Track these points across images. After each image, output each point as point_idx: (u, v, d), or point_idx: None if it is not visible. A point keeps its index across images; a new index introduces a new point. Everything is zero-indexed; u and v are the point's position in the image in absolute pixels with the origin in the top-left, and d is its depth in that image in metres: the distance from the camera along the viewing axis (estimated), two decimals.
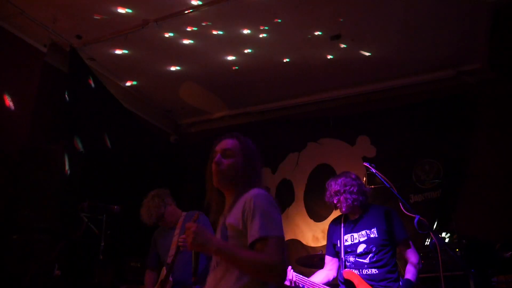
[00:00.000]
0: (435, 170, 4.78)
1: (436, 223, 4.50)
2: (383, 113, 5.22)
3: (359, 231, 3.08)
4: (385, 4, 3.85)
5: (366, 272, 2.96)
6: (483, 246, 3.79)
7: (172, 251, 3.27)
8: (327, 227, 3.42)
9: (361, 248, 3.02)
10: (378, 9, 3.92)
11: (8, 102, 3.82)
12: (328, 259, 3.28)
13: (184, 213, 3.56)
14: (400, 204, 3.33)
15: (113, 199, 3.70)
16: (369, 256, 2.98)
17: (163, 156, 5.74)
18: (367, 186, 3.58)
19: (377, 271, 2.94)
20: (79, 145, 4.17)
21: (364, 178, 3.67)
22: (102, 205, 3.56)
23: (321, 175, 5.31)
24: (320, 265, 3.66)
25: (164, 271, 3.37)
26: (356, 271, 2.99)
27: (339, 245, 3.14)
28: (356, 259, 3.02)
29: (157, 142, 5.84)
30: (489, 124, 4.68)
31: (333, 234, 3.25)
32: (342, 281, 3.02)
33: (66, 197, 3.73)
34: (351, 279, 2.96)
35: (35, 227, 3.46)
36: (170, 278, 3.25)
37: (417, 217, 3.04)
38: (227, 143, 1.91)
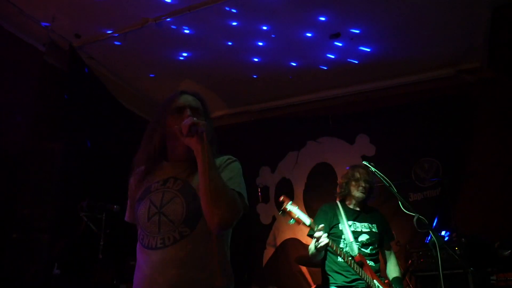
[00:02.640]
0: (434, 168, 4.78)
1: (435, 221, 4.51)
2: (382, 112, 5.22)
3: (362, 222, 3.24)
4: (384, 2, 3.84)
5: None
6: (482, 244, 3.79)
7: None
8: None
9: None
10: (377, 8, 3.92)
11: None
12: None
13: None
14: (400, 202, 3.34)
15: (112, 198, 3.70)
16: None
17: None
18: None
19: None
20: (79, 144, 4.17)
21: None
22: (101, 204, 3.56)
23: (320, 174, 5.32)
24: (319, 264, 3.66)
25: None
26: None
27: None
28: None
29: None
30: (488, 123, 4.69)
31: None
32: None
33: (66, 196, 3.73)
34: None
35: (34, 226, 3.46)
36: None
37: (416, 216, 3.06)
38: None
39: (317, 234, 2.91)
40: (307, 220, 2.99)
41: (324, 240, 2.89)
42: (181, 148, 1.68)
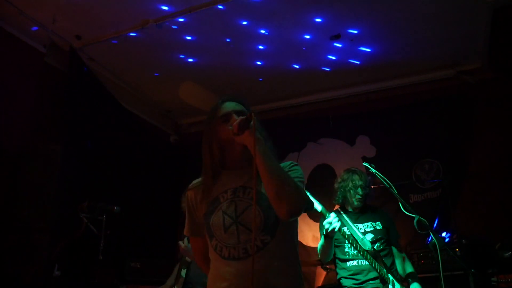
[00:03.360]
0: (434, 169, 4.78)
1: (436, 223, 4.50)
2: (382, 113, 5.22)
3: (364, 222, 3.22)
4: (384, 3, 3.85)
5: None
6: (482, 245, 3.78)
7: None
8: None
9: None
10: (377, 9, 3.92)
11: None
12: None
13: None
14: (400, 204, 3.34)
15: (113, 200, 3.70)
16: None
17: (163, 157, 5.74)
18: None
19: None
20: (79, 145, 4.17)
21: None
22: (102, 206, 3.56)
23: (320, 175, 5.31)
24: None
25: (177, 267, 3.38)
26: None
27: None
28: None
29: (157, 142, 5.84)
30: (489, 124, 4.68)
31: None
32: None
33: (66, 197, 3.74)
34: None
35: (34, 228, 3.46)
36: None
37: (416, 217, 3.05)
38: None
39: (330, 218, 2.86)
40: (318, 206, 2.95)
41: (337, 222, 2.84)
42: (238, 150, 1.68)
